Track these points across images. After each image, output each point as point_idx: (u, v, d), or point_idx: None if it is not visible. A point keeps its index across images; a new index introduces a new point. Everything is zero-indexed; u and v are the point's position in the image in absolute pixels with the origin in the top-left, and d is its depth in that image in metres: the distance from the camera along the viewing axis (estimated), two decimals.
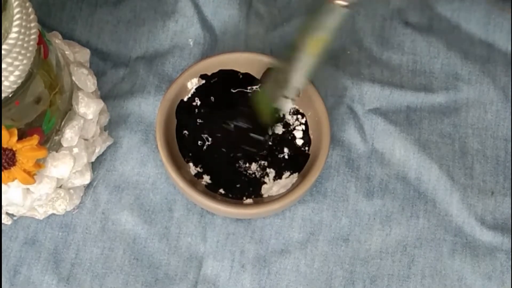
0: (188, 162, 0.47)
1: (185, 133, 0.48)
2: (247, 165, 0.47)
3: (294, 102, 0.45)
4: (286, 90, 0.43)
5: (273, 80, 0.43)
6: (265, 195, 0.47)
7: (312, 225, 0.48)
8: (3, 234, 0.47)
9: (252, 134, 0.46)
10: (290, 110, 0.49)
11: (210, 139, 0.48)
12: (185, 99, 0.48)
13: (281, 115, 0.46)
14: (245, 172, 0.47)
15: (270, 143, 0.47)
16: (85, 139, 0.46)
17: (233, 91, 0.49)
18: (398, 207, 0.49)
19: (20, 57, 0.36)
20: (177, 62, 0.52)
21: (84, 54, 0.48)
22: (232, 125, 0.47)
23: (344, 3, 0.37)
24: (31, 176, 0.40)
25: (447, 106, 0.52)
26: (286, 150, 0.48)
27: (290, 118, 0.49)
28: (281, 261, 0.47)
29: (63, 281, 0.46)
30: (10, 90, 0.37)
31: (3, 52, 0.35)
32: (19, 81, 0.37)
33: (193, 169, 0.47)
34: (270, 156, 0.48)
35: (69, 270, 0.47)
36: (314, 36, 0.39)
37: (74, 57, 0.46)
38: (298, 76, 0.42)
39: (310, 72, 0.42)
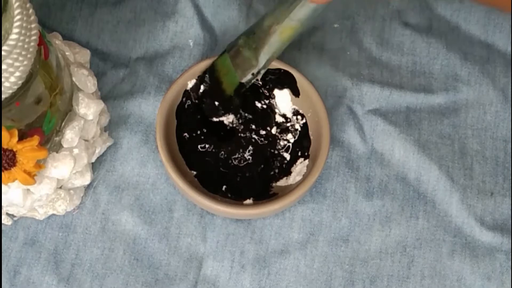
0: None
1: (185, 134, 0.48)
2: (247, 165, 0.48)
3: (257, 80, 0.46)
4: (255, 69, 0.44)
5: (241, 57, 0.44)
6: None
7: (312, 226, 0.48)
8: (3, 235, 0.47)
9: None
10: (293, 110, 0.49)
11: (209, 139, 0.48)
12: (185, 100, 0.48)
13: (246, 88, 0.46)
14: (244, 172, 0.47)
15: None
16: (86, 140, 0.46)
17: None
18: (398, 208, 0.49)
19: (20, 58, 0.36)
20: (177, 63, 0.52)
21: (84, 55, 0.48)
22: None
23: None
24: (31, 176, 0.40)
25: (447, 107, 0.52)
26: (285, 153, 0.48)
27: (290, 119, 0.49)
28: (281, 261, 0.47)
29: (63, 282, 0.46)
30: (10, 91, 0.37)
31: (3, 53, 0.35)
32: (20, 82, 0.37)
33: (193, 169, 0.47)
34: (269, 156, 0.48)
35: (69, 270, 0.47)
36: (285, 23, 0.39)
37: (74, 58, 0.46)
38: (265, 58, 0.42)
39: (278, 54, 0.43)
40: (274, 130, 0.48)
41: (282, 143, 0.48)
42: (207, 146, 0.48)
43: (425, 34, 0.54)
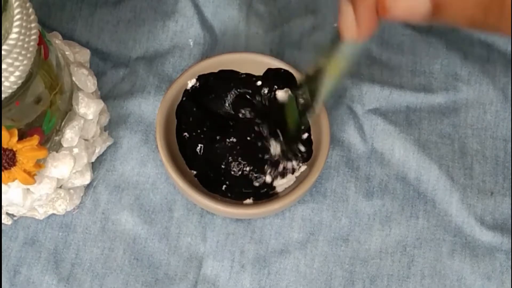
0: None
1: (185, 133, 0.48)
2: (248, 165, 0.47)
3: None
4: (313, 110, 0.44)
5: (306, 92, 0.44)
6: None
7: (312, 225, 0.48)
8: (3, 234, 0.47)
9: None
10: None
11: (209, 139, 0.48)
12: (185, 100, 0.48)
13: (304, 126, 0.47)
14: (245, 172, 0.47)
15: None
16: (85, 139, 0.46)
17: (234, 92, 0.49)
18: (398, 207, 0.49)
19: (20, 58, 0.36)
20: (177, 63, 0.52)
21: (84, 54, 0.48)
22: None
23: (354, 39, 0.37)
24: (31, 176, 0.40)
25: (447, 107, 0.52)
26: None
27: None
28: (281, 261, 0.47)
29: (63, 281, 0.46)
30: (10, 91, 0.37)
31: (3, 52, 0.35)
32: (20, 82, 0.37)
33: (193, 169, 0.47)
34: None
35: (69, 270, 0.47)
36: (333, 61, 0.40)
37: (74, 58, 0.47)
38: (321, 98, 0.43)
39: (330, 92, 0.43)
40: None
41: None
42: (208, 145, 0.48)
43: (425, 34, 0.54)
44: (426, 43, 0.54)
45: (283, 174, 0.47)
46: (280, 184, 0.47)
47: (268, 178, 0.47)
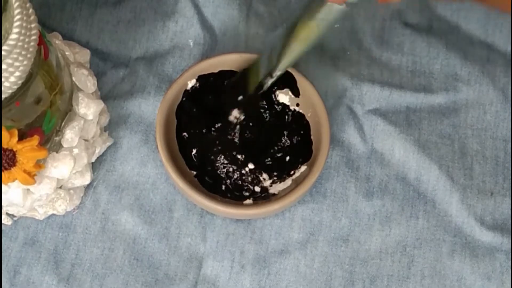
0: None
1: (185, 133, 0.48)
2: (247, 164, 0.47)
3: (272, 82, 0.46)
4: (273, 70, 0.44)
5: (267, 57, 0.44)
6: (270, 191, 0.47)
7: (312, 226, 0.48)
8: (3, 235, 0.47)
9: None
10: (293, 110, 0.49)
11: (209, 139, 0.48)
12: (185, 100, 0.48)
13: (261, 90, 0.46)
14: (244, 172, 0.47)
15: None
16: (85, 140, 0.46)
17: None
18: (398, 208, 0.49)
19: (20, 58, 0.36)
20: (177, 63, 0.52)
21: (84, 55, 0.48)
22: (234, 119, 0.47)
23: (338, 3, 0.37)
24: (31, 176, 0.40)
25: (447, 107, 0.52)
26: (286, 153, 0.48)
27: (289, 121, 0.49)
28: (281, 261, 0.47)
29: (63, 282, 0.46)
30: (10, 91, 0.37)
31: (3, 53, 0.35)
32: (20, 82, 0.37)
33: (193, 169, 0.47)
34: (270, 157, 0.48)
35: (69, 270, 0.47)
36: (304, 24, 0.39)
37: (74, 58, 0.47)
38: (283, 60, 0.42)
39: (295, 58, 0.42)
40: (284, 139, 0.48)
41: (282, 143, 0.48)
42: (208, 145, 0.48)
43: (425, 34, 0.54)
44: (426, 43, 0.54)
45: (279, 180, 0.47)
46: (276, 188, 0.47)
47: (256, 188, 0.47)
